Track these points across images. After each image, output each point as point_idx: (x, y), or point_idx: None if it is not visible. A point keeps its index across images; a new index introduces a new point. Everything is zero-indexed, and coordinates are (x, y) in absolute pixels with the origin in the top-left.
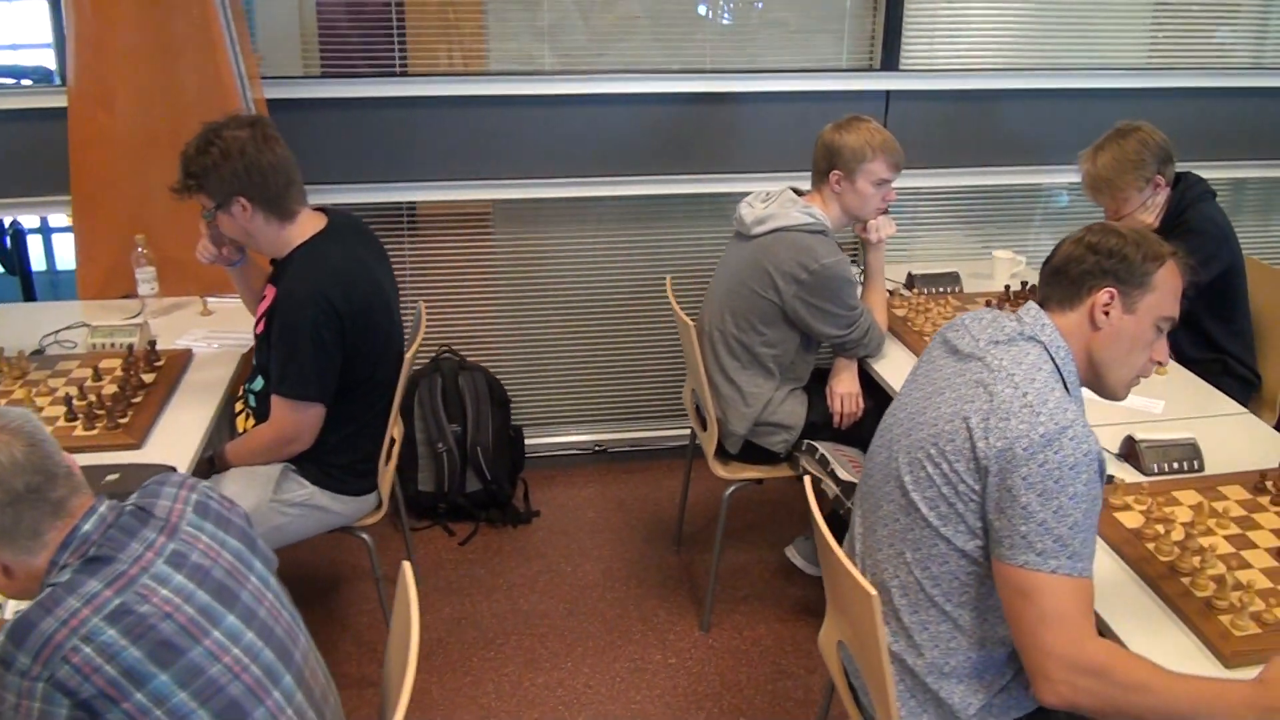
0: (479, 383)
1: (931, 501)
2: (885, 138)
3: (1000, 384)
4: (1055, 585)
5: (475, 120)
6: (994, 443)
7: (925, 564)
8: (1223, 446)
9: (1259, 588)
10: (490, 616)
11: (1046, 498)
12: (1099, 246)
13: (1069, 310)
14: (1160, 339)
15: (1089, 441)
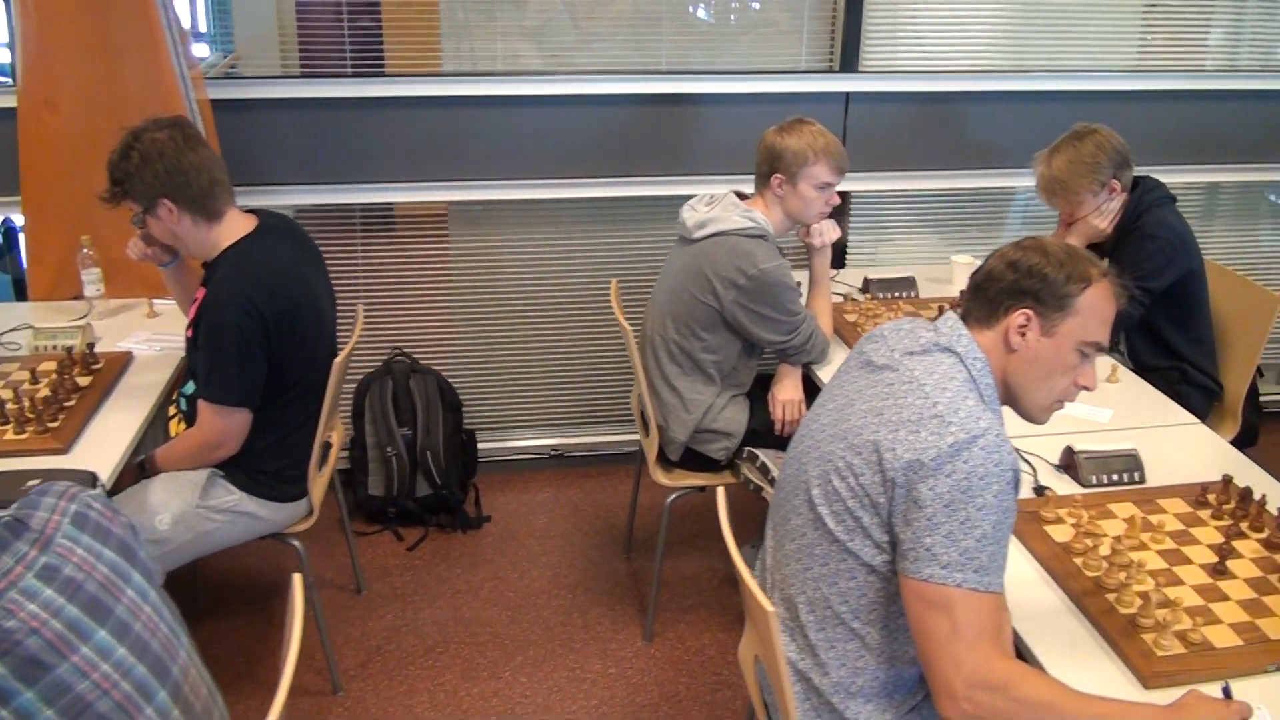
0: (430, 386)
1: (838, 516)
2: (828, 141)
3: (911, 395)
4: (966, 601)
5: (430, 121)
6: (901, 454)
7: (832, 580)
8: (1168, 458)
9: (1187, 605)
10: (431, 624)
11: (953, 509)
12: (1019, 264)
13: (986, 329)
14: (1086, 364)
15: (1001, 451)
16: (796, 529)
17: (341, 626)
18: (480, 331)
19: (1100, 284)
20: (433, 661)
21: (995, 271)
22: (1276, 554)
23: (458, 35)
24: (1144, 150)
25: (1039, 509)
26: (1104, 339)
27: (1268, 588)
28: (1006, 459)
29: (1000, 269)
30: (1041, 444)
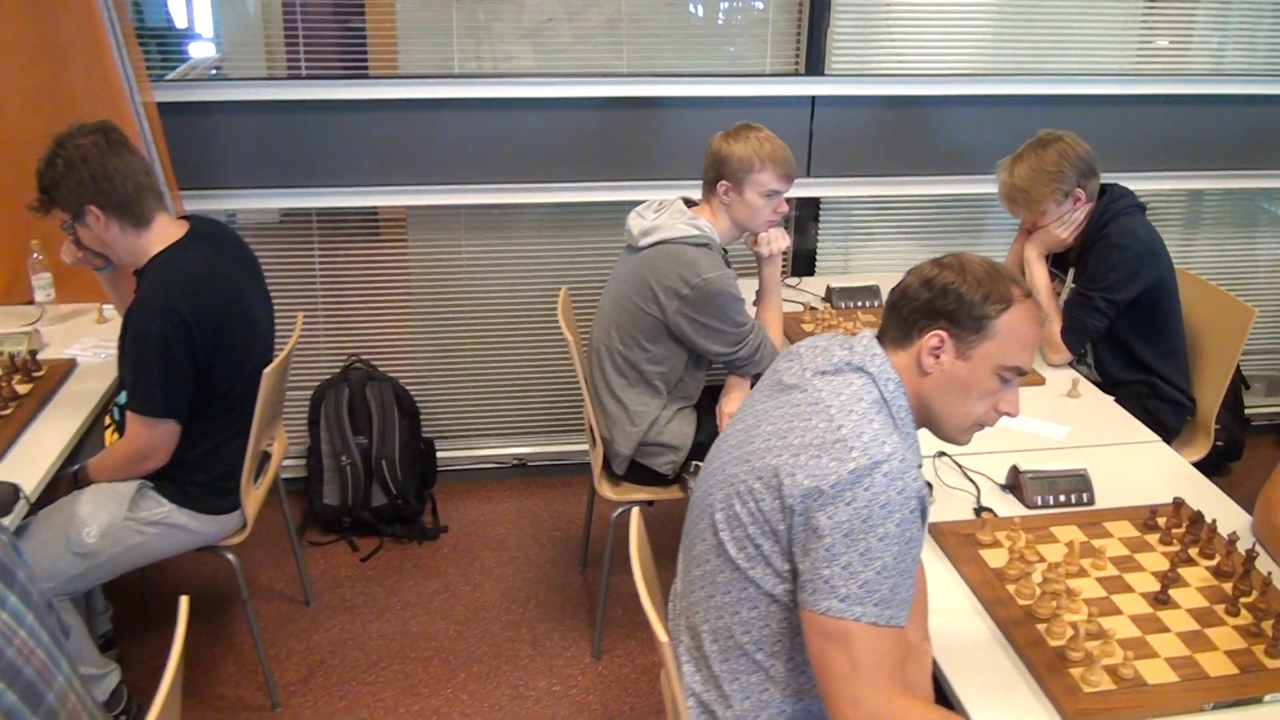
0: (386, 394)
1: (740, 542)
2: (775, 147)
3: (816, 417)
4: (864, 635)
5: (388, 125)
6: (801, 481)
7: (734, 609)
8: (1123, 478)
9: (1122, 637)
10: (377, 638)
11: (853, 539)
12: (934, 282)
13: (900, 350)
14: (1007, 389)
15: (905, 478)
16: (701, 555)
17: (286, 640)
18: (441, 338)
19: (1021, 306)
20: (375, 677)
21: (910, 290)
22: (1225, 583)
23: (414, 38)
24: (1121, 156)
25: (975, 532)
26: (1025, 363)
27: (1212, 619)
28: (911, 486)
29: (915, 287)
30: (989, 462)
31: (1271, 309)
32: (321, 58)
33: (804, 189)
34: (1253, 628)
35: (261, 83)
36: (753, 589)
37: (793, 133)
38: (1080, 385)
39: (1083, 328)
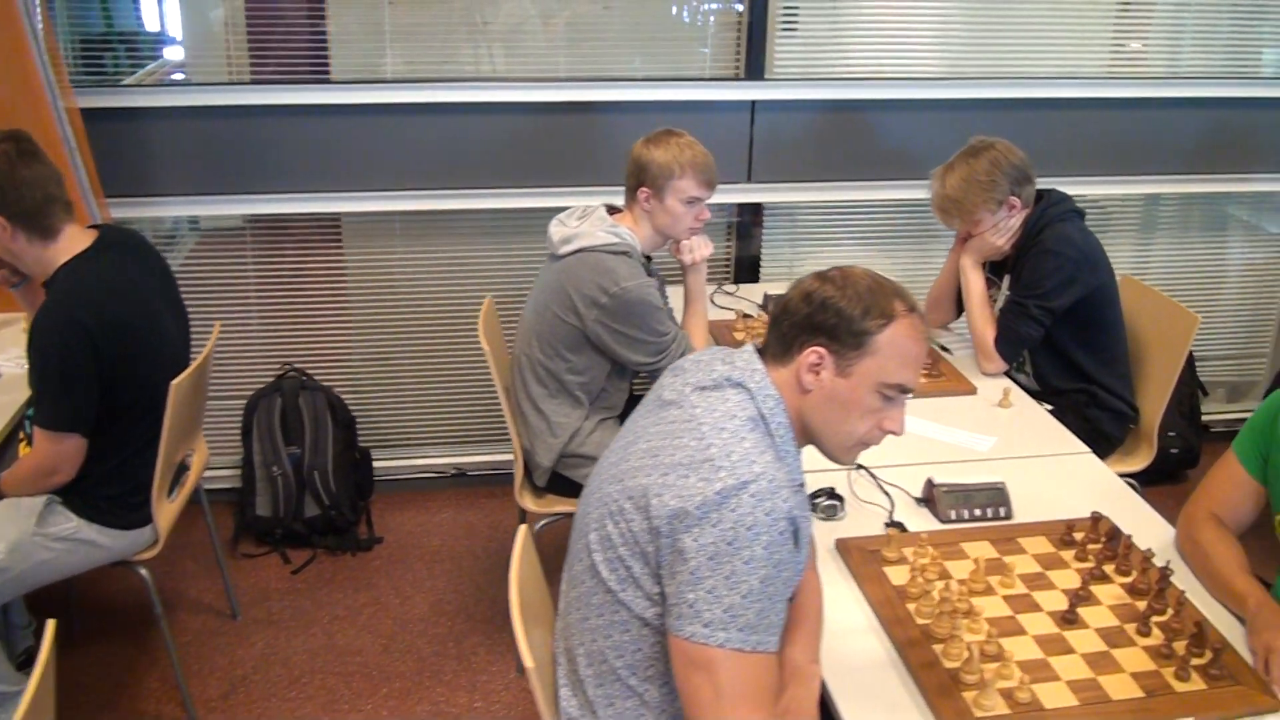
0: (319, 403)
1: (611, 564)
2: (696, 153)
3: (687, 435)
4: (728, 662)
5: (321, 130)
6: (668, 501)
7: (607, 632)
8: (1045, 491)
9: (1023, 658)
10: (302, 652)
11: (718, 562)
12: (814, 296)
13: (781, 366)
14: (891, 407)
15: (775, 499)
16: (578, 575)
17: (210, 655)
18: (378, 347)
19: (904, 321)
20: (297, 693)
21: (790, 304)
22: (1139, 600)
23: (346, 41)
24: (1073, 161)
25: (881, 548)
26: (908, 381)
27: (1121, 639)
28: (781, 507)
29: (795, 301)
30: (908, 474)
31: (1231, 315)
32: (283, 63)
33: (745, 194)
34: (1163, 649)
35: (191, 88)
36: (624, 612)
37: (733, 137)
38: (1012, 395)
39: (1017, 336)
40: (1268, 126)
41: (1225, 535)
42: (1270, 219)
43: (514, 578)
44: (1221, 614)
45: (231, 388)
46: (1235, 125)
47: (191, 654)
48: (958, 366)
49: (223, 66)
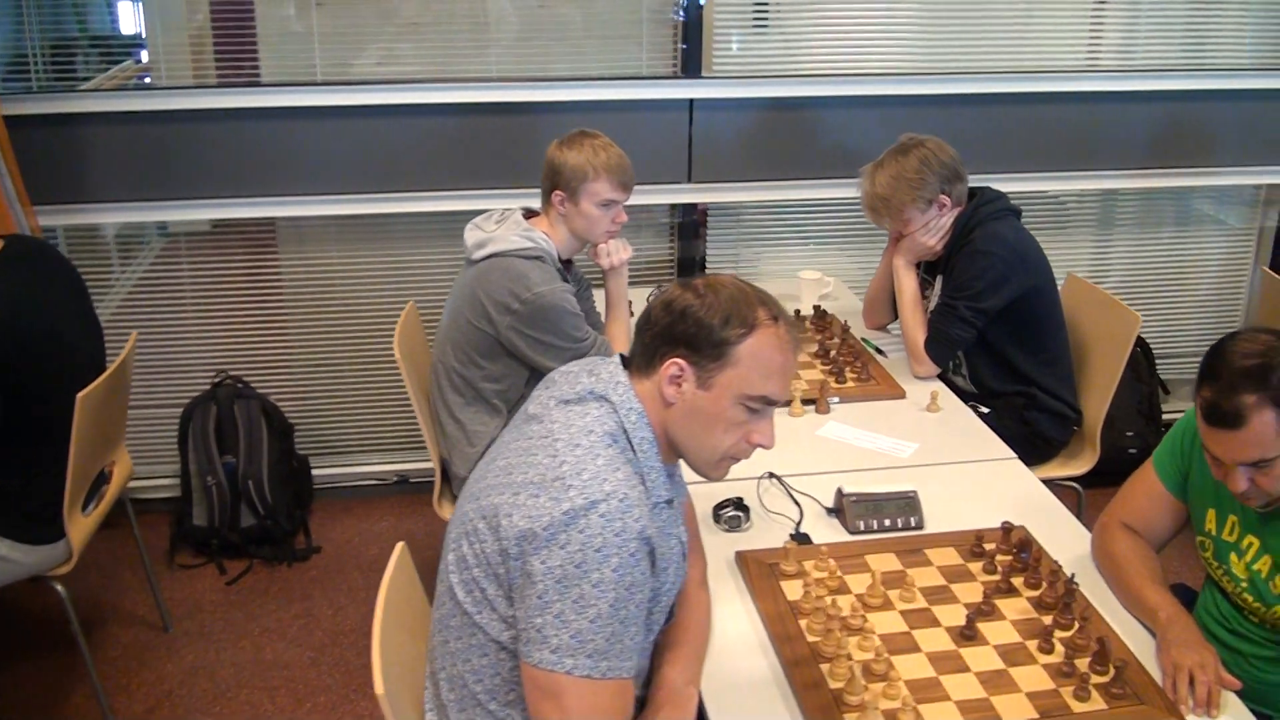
0: (253, 411)
1: (467, 585)
2: (610, 155)
3: (542, 452)
4: (576, 689)
5: (252, 134)
6: (517, 522)
7: (466, 655)
8: (963, 500)
9: (914, 677)
10: (230, 665)
11: (566, 585)
12: (674, 306)
13: (644, 378)
14: (758, 420)
15: (626, 519)
16: (439, 596)
17: (138, 669)
18: (315, 353)
19: (766, 330)
20: (221, 708)
21: (653, 314)
22: (1046, 615)
23: (276, 43)
24: (1019, 156)
25: (779, 561)
26: (773, 393)
27: (1021, 657)
28: (632, 527)
29: (657, 311)
30: (821, 483)
31: (1195, 310)
32: (221, 67)
33: (685, 195)
34: (1064, 667)
35: (117, 94)
36: (481, 635)
37: (671, 137)
38: (940, 399)
39: (947, 338)
40: (1225, 119)
41: (1139, 546)
42: (1233, 212)
43: (381, 596)
44: (1136, 628)
45: (169, 397)
46: (1192, 119)
47: (120, 668)
48: (891, 369)
49: (188, 70)
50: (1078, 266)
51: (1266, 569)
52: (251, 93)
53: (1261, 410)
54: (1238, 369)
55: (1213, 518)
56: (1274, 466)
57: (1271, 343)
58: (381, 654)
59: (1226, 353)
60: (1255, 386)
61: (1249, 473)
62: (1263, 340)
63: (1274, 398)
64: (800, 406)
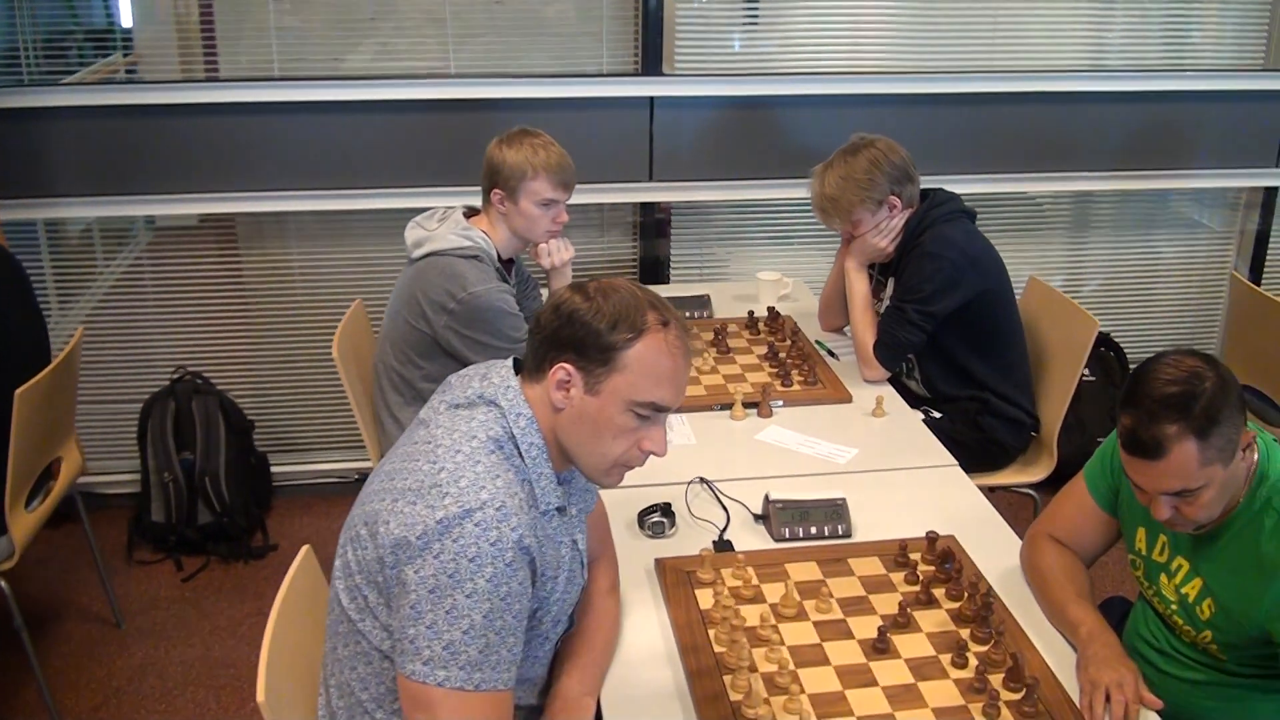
0: (211, 408)
1: (350, 591)
2: (550, 154)
3: (423, 458)
4: (449, 701)
5: (209, 130)
6: (393, 530)
7: (352, 663)
8: (896, 507)
9: (819, 691)
10: (179, 664)
11: (439, 596)
12: (563, 309)
13: (534, 382)
14: (649, 427)
15: (501, 528)
16: (329, 603)
17: (89, 665)
18: (276, 350)
19: (654, 335)
20: (166, 705)
21: (541, 318)
22: (964, 629)
23: (231, 39)
24: (988, 157)
25: (695, 569)
26: (663, 399)
27: (933, 671)
28: (509, 536)
29: (546, 315)
30: (751, 489)
31: (1174, 314)
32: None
33: (646, 194)
34: (976, 682)
35: (76, 89)
36: (365, 642)
37: (632, 135)
38: (886, 403)
39: (896, 342)
40: (1204, 121)
41: (1066, 559)
42: (1212, 214)
43: (278, 601)
44: (1057, 643)
45: (130, 392)
46: (1170, 120)
47: (71, 664)
48: (842, 373)
49: (174, 64)
50: (1053, 269)
51: (1195, 592)
52: (209, 88)
53: (1183, 440)
54: (1158, 397)
55: (1143, 537)
56: (1198, 496)
57: (1196, 369)
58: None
59: (1148, 378)
60: (1176, 416)
61: (1172, 501)
62: (1187, 366)
63: (1196, 428)
64: (742, 410)
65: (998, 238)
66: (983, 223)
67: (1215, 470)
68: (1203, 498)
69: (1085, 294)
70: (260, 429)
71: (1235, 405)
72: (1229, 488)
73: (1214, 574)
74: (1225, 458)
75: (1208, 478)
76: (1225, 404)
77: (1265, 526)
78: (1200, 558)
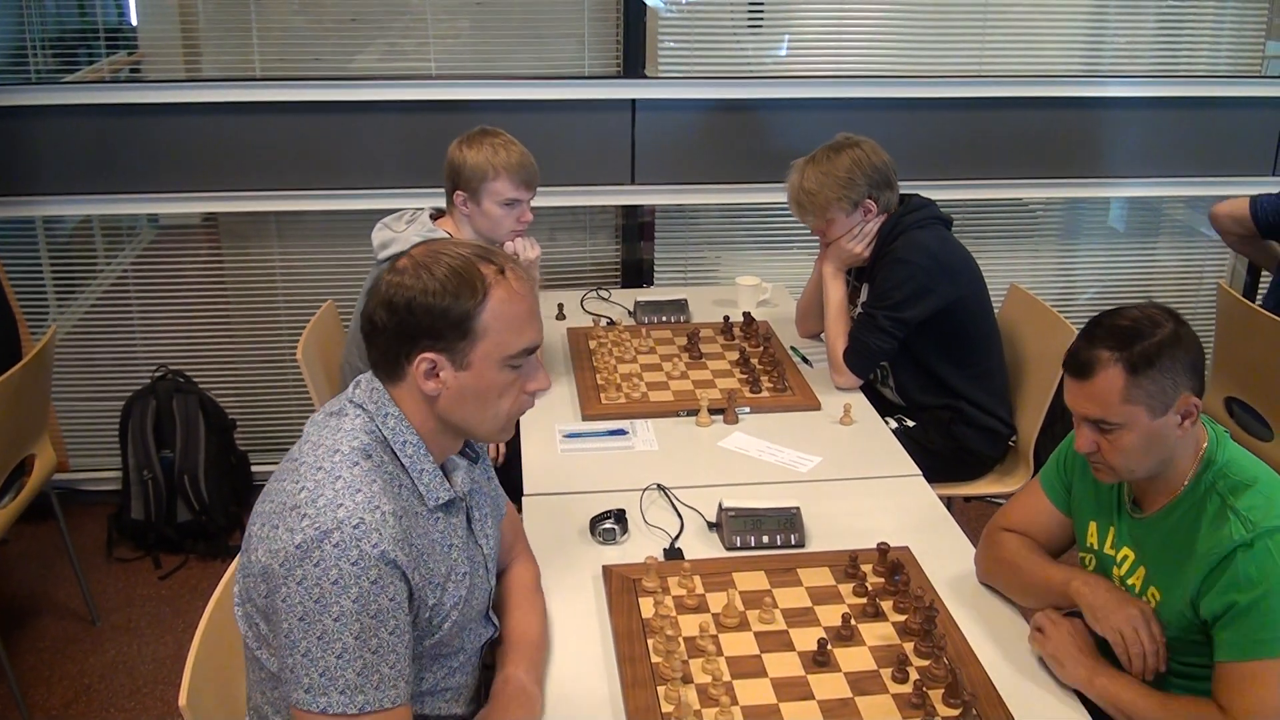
0: (191, 406)
1: (247, 618)
2: (510, 154)
3: (289, 477)
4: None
5: (190, 129)
6: (260, 556)
7: (261, 687)
8: (853, 517)
9: (754, 703)
10: (150, 661)
11: (309, 622)
12: (396, 303)
13: (395, 383)
14: (528, 369)
15: (362, 545)
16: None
17: (63, 662)
18: (257, 349)
19: (498, 288)
20: (136, 704)
21: (376, 318)
22: (908, 642)
23: (212, 39)
24: (977, 162)
25: (641, 577)
26: (532, 340)
27: (873, 686)
28: (370, 552)
29: (379, 314)
30: (709, 496)
31: None
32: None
33: (628, 197)
34: (913, 698)
35: (68, 87)
36: (265, 669)
37: (614, 138)
38: (854, 411)
39: (866, 349)
40: (1196, 127)
41: (1027, 541)
42: (1207, 222)
43: (211, 604)
44: (1001, 659)
45: (113, 390)
46: (1163, 126)
47: (44, 660)
48: (814, 379)
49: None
50: (1045, 276)
51: (1140, 582)
52: (189, 88)
53: (1111, 367)
54: (1108, 326)
55: (1094, 531)
56: (1119, 436)
57: (1156, 317)
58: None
59: (1111, 313)
60: (1116, 345)
61: (1094, 434)
62: (1150, 314)
63: (1129, 362)
64: (708, 416)
65: (989, 244)
66: (975, 229)
67: (1138, 413)
68: (1123, 440)
69: (1079, 302)
70: (241, 428)
71: (1181, 363)
72: (1156, 445)
73: (1155, 561)
74: (1154, 406)
75: (1128, 417)
76: (1169, 355)
77: (1207, 511)
78: (1144, 546)
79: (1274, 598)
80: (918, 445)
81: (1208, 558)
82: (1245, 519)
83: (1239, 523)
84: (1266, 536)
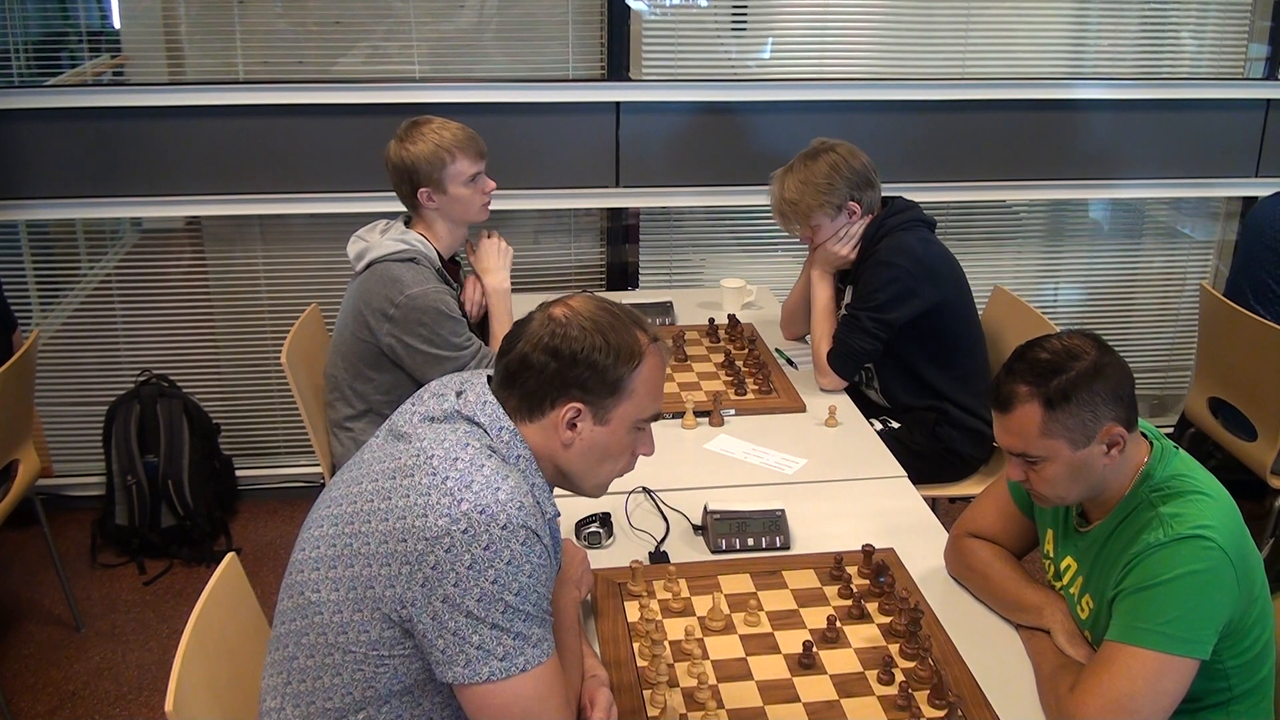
0: (175, 411)
1: (354, 604)
2: (453, 132)
3: (418, 472)
4: (542, 676)
5: (172, 132)
6: (415, 545)
7: (318, 674)
8: (838, 519)
9: (740, 706)
10: (135, 668)
11: (488, 602)
12: (561, 352)
13: (529, 421)
14: (643, 435)
15: (528, 525)
16: (286, 614)
17: (48, 668)
18: (241, 353)
19: (651, 355)
20: (120, 710)
21: (533, 361)
22: (893, 644)
23: (195, 42)
24: (961, 164)
25: (626, 581)
26: (659, 409)
27: (859, 688)
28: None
29: (539, 358)
30: (694, 499)
31: (1152, 324)
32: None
33: (613, 200)
34: (899, 700)
35: (51, 90)
36: (344, 655)
37: (598, 141)
38: (839, 413)
39: (850, 351)
40: (1179, 129)
41: (999, 551)
42: (1191, 223)
43: (198, 609)
44: (989, 659)
45: (97, 395)
46: (1147, 128)
47: (29, 667)
48: (799, 382)
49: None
50: (1029, 278)
51: (1078, 590)
52: (173, 91)
53: (1029, 402)
54: (1029, 360)
55: (1051, 538)
56: (1043, 468)
57: (1076, 349)
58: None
59: (1033, 343)
60: (1034, 380)
61: (1021, 465)
62: (1071, 345)
63: (1045, 397)
64: (693, 419)
65: (974, 246)
66: (958, 231)
67: (1059, 446)
68: (1047, 471)
69: (1063, 304)
70: (226, 432)
71: (1101, 395)
72: (1082, 475)
73: (1091, 570)
74: (1074, 439)
75: (1049, 450)
76: (1087, 388)
77: (1141, 521)
78: (1083, 558)
79: (1166, 593)
80: (902, 447)
81: (1125, 558)
82: (1168, 524)
83: (1161, 527)
84: (1181, 541)
